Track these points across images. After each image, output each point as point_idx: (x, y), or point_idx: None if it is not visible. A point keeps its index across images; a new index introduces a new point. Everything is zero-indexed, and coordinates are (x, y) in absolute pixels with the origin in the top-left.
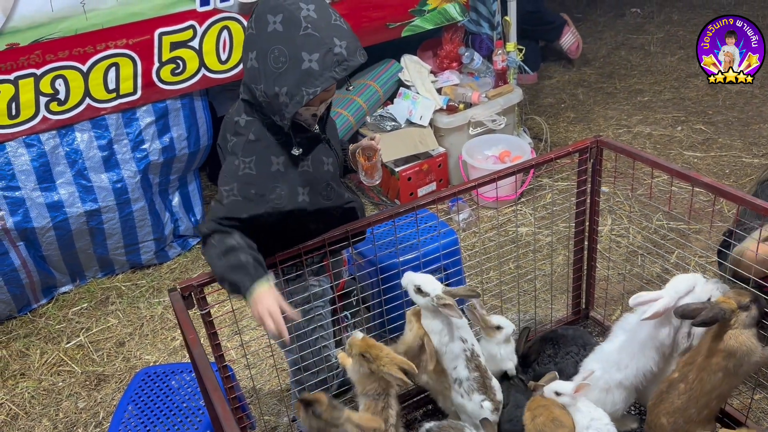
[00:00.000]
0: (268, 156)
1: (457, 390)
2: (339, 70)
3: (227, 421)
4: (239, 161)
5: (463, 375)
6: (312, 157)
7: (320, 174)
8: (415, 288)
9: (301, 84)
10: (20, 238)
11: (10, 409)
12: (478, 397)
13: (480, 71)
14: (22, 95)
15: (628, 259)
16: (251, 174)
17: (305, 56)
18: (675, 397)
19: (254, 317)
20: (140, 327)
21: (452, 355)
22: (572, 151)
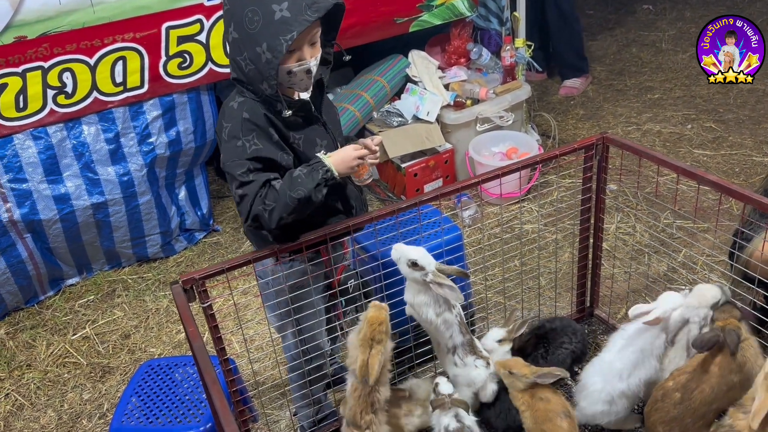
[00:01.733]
0: (266, 128)
1: (452, 359)
2: (311, 12)
3: (224, 415)
4: (242, 141)
5: (459, 341)
6: (304, 137)
7: (310, 155)
8: (409, 262)
9: (278, 34)
10: (27, 230)
11: (16, 399)
12: (471, 358)
13: (488, 67)
14: (30, 88)
15: (634, 258)
16: (258, 148)
17: (275, 7)
18: (670, 407)
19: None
20: (146, 320)
21: (447, 324)
22: (578, 148)
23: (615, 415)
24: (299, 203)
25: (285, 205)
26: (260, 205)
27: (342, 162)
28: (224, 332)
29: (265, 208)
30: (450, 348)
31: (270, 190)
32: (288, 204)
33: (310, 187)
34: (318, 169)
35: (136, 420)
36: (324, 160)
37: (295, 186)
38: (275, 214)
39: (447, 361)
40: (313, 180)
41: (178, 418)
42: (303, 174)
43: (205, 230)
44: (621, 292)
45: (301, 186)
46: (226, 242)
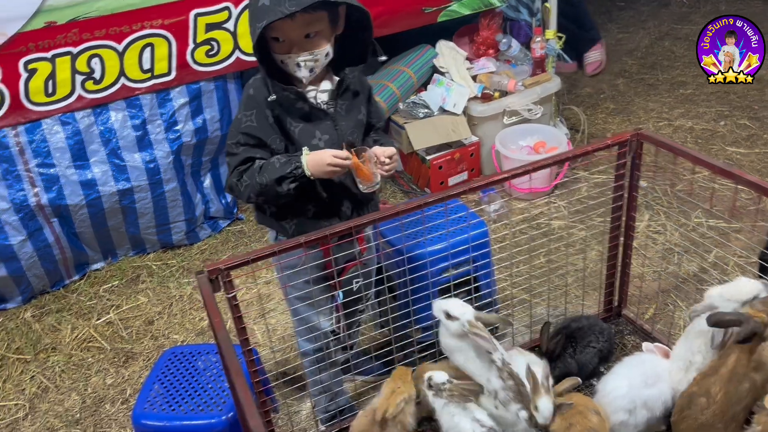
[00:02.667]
0: (264, 109)
1: (493, 402)
2: (289, 4)
3: (248, 408)
4: (242, 115)
5: (497, 385)
6: (302, 126)
7: (305, 144)
8: (444, 313)
9: (255, 20)
10: (54, 215)
11: (41, 381)
12: (515, 406)
13: (517, 59)
14: (59, 73)
15: (664, 257)
16: (252, 125)
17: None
18: (698, 413)
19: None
20: (169, 306)
21: (484, 368)
22: (611, 144)
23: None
24: (263, 188)
25: (253, 186)
26: (236, 177)
27: (315, 164)
28: (247, 322)
29: (240, 182)
30: (490, 390)
31: (251, 167)
32: (255, 185)
33: (275, 177)
34: (292, 163)
35: (159, 407)
36: (301, 157)
37: (264, 171)
38: (246, 191)
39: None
40: (281, 171)
41: (201, 407)
42: (277, 162)
43: (229, 218)
44: (649, 291)
45: (269, 173)
46: (249, 231)
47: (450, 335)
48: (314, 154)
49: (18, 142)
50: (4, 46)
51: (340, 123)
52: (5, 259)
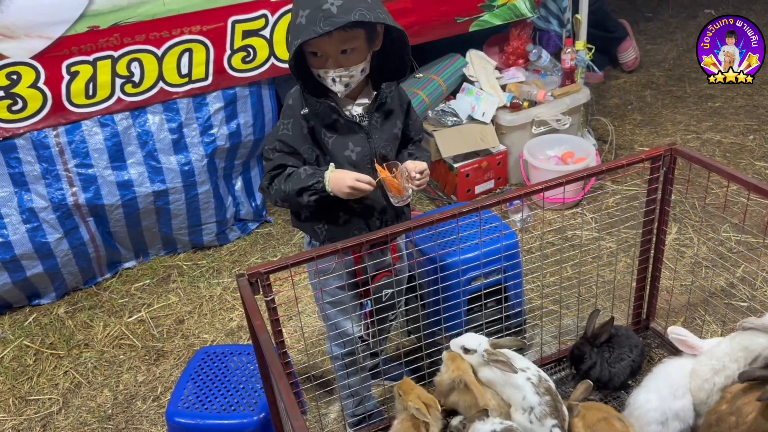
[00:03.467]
0: (300, 120)
1: (528, 417)
2: (323, 24)
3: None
4: (281, 122)
5: (534, 401)
6: (336, 139)
7: (338, 155)
8: (462, 348)
9: (293, 38)
10: (90, 214)
11: (74, 377)
12: (550, 421)
13: (547, 69)
14: (100, 76)
15: (693, 271)
16: (288, 134)
17: (300, 12)
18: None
19: (346, 196)
20: (199, 306)
21: (517, 390)
22: (645, 158)
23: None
24: (287, 195)
25: (279, 192)
26: (267, 181)
27: (336, 183)
28: None
29: (271, 187)
30: (525, 407)
31: (281, 174)
32: (280, 192)
33: (298, 187)
34: (315, 176)
35: (192, 405)
36: (325, 173)
37: (290, 180)
38: (274, 195)
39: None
40: (304, 183)
41: (233, 406)
42: (303, 173)
43: (258, 221)
44: (677, 305)
45: (293, 182)
46: (277, 234)
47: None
48: (338, 172)
49: (58, 142)
50: (48, 49)
51: (374, 136)
52: (42, 256)
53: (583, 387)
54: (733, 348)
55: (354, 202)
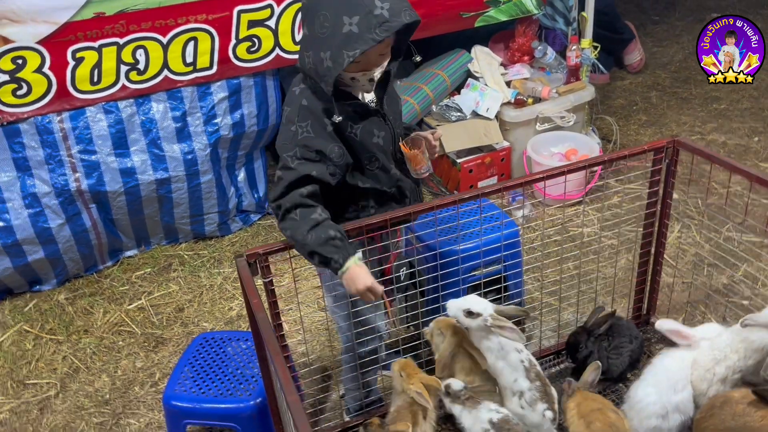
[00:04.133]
0: (322, 118)
1: (518, 402)
2: (380, 31)
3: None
4: (296, 126)
5: (524, 386)
6: (362, 127)
7: (368, 144)
8: (465, 312)
9: (342, 47)
10: (93, 201)
11: (73, 362)
12: (541, 406)
13: (552, 66)
14: (105, 63)
15: (694, 268)
16: (310, 136)
17: (346, 20)
18: (729, 417)
19: (352, 293)
20: (200, 295)
21: (510, 368)
22: (647, 150)
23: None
24: (300, 242)
25: (295, 230)
26: (290, 204)
27: (352, 281)
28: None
29: (290, 214)
30: (515, 392)
31: (310, 209)
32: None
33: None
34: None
35: (189, 389)
36: (349, 261)
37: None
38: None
39: (512, 401)
40: (324, 251)
41: (230, 391)
42: (331, 239)
43: (261, 213)
44: (678, 301)
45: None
46: None
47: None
48: (360, 269)
49: (62, 128)
50: (54, 34)
51: (389, 118)
52: (44, 241)
53: (592, 368)
54: (734, 339)
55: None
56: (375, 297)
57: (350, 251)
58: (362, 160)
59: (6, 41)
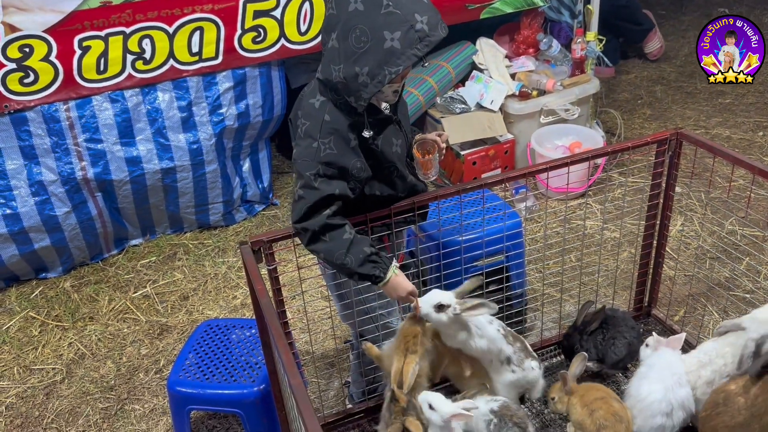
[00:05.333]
0: (346, 134)
1: (509, 368)
2: (421, 47)
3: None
4: (318, 143)
5: (509, 351)
6: (383, 138)
7: (388, 154)
8: (434, 307)
9: (384, 63)
10: (98, 189)
11: (78, 348)
12: (528, 363)
13: (557, 59)
14: (111, 52)
15: (696, 261)
16: (333, 153)
17: (387, 35)
18: (735, 412)
19: (393, 298)
20: (204, 283)
21: (492, 341)
22: (651, 142)
23: (671, 429)
24: (339, 264)
25: (331, 253)
26: (317, 226)
27: (394, 289)
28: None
29: (319, 237)
30: (503, 360)
31: (340, 230)
32: (332, 254)
33: (355, 270)
34: (377, 270)
35: (193, 375)
36: (389, 273)
37: (351, 253)
38: (319, 245)
39: (502, 372)
40: (365, 270)
41: (234, 377)
42: (368, 256)
43: (265, 203)
44: (680, 294)
45: (354, 259)
46: (283, 216)
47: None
48: (399, 280)
49: (69, 116)
50: (61, 23)
51: (402, 124)
52: (50, 229)
53: (579, 360)
54: (720, 344)
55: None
56: (414, 299)
57: (387, 263)
58: (382, 170)
59: (13, 29)
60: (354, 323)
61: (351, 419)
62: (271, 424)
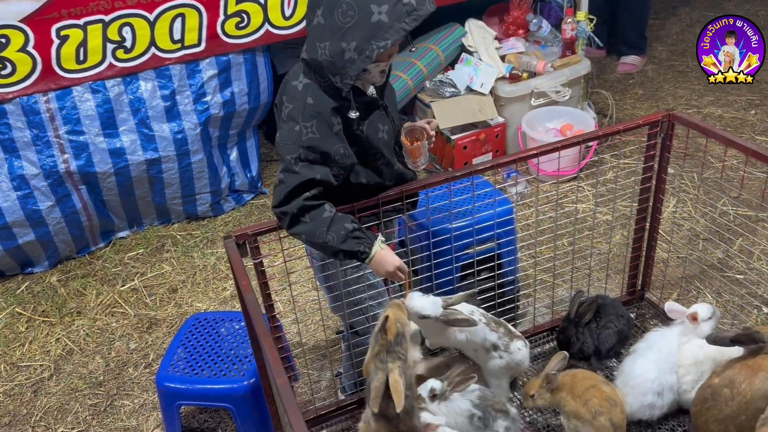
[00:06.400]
0: (329, 118)
1: (496, 354)
2: (409, 20)
3: (276, 366)
4: (300, 127)
5: (493, 337)
6: (368, 123)
7: (374, 140)
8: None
9: (371, 38)
10: (82, 182)
11: (66, 344)
12: (514, 344)
13: (547, 40)
14: (90, 41)
15: (689, 242)
16: (315, 138)
17: (374, 8)
18: (723, 404)
19: (381, 275)
20: (193, 275)
21: (473, 333)
22: (643, 124)
23: (660, 409)
24: (321, 244)
25: (311, 233)
26: (296, 208)
27: (381, 264)
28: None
29: (299, 218)
30: (489, 347)
31: (319, 209)
32: (312, 235)
33: (339, 247)
34: (362, 246)
35: (182, 370)
36: (373, 248)
37: (332, 230)
38: (299, 228)
39: (489, 359)
40: (348, 246)
41: (223, 371)
42: (350, 232)
43: (253, 192)
44: (673, 276)
45: (335, 236)
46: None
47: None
48: (384, 254)
49: (49, 108)
50: (37, 12)
51: (389, 110)
52: (34, 223)
53: (559, 358)
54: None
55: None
56: (403, 275)
57: (372, 238)
58: (368, 157)
59: None
60: (344, 315)
61: (343, 410)
62: (261, 417)
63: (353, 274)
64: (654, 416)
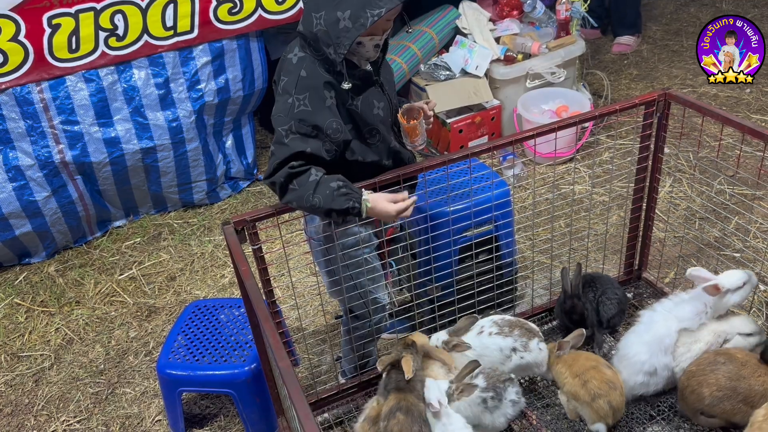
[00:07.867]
0: (322, 91)
1: (516, 356)
2: None
3: (278, 350)
4: (293, 99)
5: (509, 343)
6: (362, 99)
7: (369, 116)
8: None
9: (366, 6)
10: (78, 172)
11: (66, 333)
12: (533, 344)
13: (542, 21)
14: (83, 29)
15: (686, 222)
16: (307, 110)
17: None
18: (721, 375)
19: (385, 218)
20: (191, 263)
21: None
22: (638, 104)
23: (654, 386)
24: (311, 207)
25: (300, 198)
26: (283, 177)
27: (378, 213)
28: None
29: (286, 186)
30: (509, 355)
31: (304, 175)
32: (301, 199)
33: (328, 207)
34: (351, 200)
35: (183, 357)
36: (364, 202)
37: (319, 193)
38: (289, 195)
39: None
40: (338, 204)
41: (224, 357)
42: (336, 190)
43: (250, 179)
44: (670, 256)
45: (323, 198)
46: (268, 191)
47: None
48: (378, 201)
49: (42, 98)
50: (28, 0)
51: (386, 87)
52: (30, 214)
53: (577, 333)
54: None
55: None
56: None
57: (358, 191)
58: (363, 133)
59: None
60: (343, 299)
61: (344, 394)
62: (263, 402)
63: (353, 257)
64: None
